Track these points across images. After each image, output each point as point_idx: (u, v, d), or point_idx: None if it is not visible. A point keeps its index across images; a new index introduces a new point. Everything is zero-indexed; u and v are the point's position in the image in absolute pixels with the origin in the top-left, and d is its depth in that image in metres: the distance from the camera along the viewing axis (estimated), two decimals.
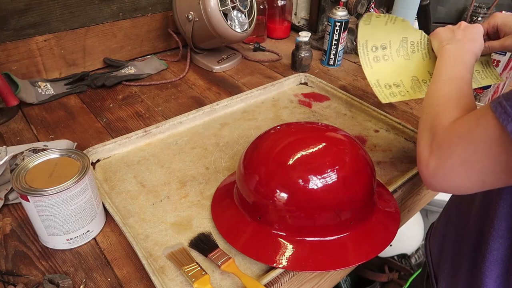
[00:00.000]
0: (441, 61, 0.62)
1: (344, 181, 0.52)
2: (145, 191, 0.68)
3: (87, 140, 0.80)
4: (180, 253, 0.56)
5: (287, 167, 0.53)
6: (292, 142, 0.56)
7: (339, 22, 1.07)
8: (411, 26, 0.75)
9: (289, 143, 0.56)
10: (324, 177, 0.51)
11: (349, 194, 0.53)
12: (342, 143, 0.57)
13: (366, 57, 0.73)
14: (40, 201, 0.51)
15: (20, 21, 0.90)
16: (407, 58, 0.74)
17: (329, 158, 0.54)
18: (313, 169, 0.52)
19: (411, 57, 0.74)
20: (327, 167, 0.52)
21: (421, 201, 0.88)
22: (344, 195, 0.52)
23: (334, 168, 0.52)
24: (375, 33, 0.74)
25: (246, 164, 0.58)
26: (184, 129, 0.84)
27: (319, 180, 0.51)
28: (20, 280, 0.53)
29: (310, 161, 0.53)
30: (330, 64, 1.14)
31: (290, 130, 0.59)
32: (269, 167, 0.54)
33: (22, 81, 0.91)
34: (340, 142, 0.57)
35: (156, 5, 1.11)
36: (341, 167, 0.53)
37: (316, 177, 0.51)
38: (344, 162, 0.54)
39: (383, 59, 0.73)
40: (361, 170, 0.55)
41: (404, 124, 0.84)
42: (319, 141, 0.55)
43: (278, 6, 1.30)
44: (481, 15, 1.24)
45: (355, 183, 0.53)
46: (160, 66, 1.10)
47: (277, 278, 0.54)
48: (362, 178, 0.55)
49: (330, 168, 0.52)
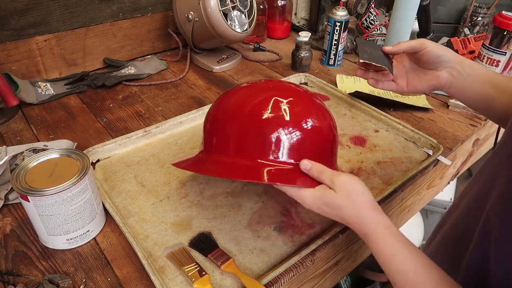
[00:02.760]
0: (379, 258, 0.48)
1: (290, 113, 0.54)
2: (145, 191, 0.68)
3: (87, 140, 0.80)
4: (180, 253, 0.56)
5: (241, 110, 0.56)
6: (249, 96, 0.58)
7: (339, 22, 1.07)
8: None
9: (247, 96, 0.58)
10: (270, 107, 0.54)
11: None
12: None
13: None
14: (40, 201, 0.51)
15: (20, 21, 0.90)
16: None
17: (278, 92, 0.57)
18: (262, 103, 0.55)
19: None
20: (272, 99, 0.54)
21: (421, 201, 0.88)
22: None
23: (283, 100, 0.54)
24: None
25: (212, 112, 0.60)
26: (184, 129, 0.84)
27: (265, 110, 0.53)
28: (20, 280, 0.53)
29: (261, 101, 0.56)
30: (330, 64, 1.14)
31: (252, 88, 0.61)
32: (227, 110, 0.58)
33: (22, 81, 0.91)
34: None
35: (156, 5, 1.11)
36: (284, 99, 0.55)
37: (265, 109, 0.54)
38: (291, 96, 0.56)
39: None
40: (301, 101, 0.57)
41: (404, 124, 0.84)
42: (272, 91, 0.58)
43: (278, 6, 1.30)
44: (481, 15, 1.24)
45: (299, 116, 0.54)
46: (160, 66, 1.10)
47: (277, 278, 0.54)
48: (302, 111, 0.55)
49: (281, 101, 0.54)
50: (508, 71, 0.93)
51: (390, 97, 0.95)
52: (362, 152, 0.79)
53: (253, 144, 0.53)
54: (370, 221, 0.49)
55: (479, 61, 0.95)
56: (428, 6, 1.10)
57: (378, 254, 0.48)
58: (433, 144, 0.79)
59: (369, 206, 0.49)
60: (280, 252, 0.58)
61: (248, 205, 0.66)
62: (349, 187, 0.49)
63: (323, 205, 0.50)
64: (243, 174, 0.52)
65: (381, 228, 0.48)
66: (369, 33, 1.20)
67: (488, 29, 1.21)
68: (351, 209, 0.49)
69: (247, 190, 0.69)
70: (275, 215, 0.64)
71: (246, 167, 0.52)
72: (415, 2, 1.02)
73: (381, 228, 0.48)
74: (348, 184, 0.49)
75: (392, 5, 1.07)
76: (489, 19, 1.25)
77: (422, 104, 0.95)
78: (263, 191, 0.69)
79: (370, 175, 0.73)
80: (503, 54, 0.90)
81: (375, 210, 0.49)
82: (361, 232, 0.50)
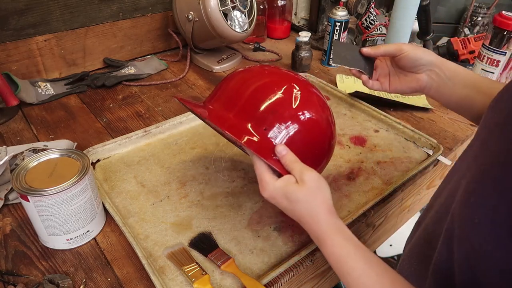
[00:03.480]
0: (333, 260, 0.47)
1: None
2: (145, 191, 0.68)
3: (87, 140, 0.80)
4: (180, 253, 0.56)
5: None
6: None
7: (339, 22, 1.07)
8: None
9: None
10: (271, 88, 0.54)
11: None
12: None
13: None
14: (40, 201, 0.51)
15: (20, 21, 0.90)
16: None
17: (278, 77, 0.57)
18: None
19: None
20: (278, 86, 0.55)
21: (421, 201, 0.88)
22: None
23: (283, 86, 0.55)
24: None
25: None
26: (184, 129, 0.84)
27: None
28: (20, 280, 0.53)
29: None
30: (330, 64, 1.14)
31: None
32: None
33: (22, 81, 0.91)
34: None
35: (156, 5, 1.11)
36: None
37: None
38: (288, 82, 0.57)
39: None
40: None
41: (404, 124, 0.84)
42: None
43: (278, 6, 1.30)
44: (481, 15, 1.24)
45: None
46: (160, 66, 1.10)
47: (277, 278, 0.54)
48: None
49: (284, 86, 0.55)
50: (508, 71, 0.93)
51: (390, 97, 0.95)
52: (362, 152, 0.79)
53: (251, 110, 0.53)
54: (325, 223, 0.48)
55: (479, 61, 0.95)
56: (428, 6, 1.10)
57: (329, 256, 0.47)
58: (433, 144, 0.79)
59: (327, 208, 0.48)
60: (280, 252, 0.58)
61: (248, 205, 0.66)
62: (314, 185, 0.48)
63: (282, 197, 0.49)
64: (228, 127, 0.52)
65: (335, 230, 0.47)
66: (369, 33, 1.20)
67: (488, 29, 1.21)
68: (309, 206, 0.48)
69: (247, 190, 0.69)
70: (275, 215, 0.64)
71: (234, 124, 0.53)
72: (415, 2, 1.02)
73: (335, 230, 0.47)
74: (315, 182, 0.49)
75: (392, 5, 1.07)
76: (489, 19, 1.25)
77: (422, 104, 0.95)
78: None
79: (370, 175, 0.73)
80: (503, 54, 0.90)
81: (331, 214, 0.48)
82: (314, 233, 0.49)
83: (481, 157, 0.37)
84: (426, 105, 0.95)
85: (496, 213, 0.32)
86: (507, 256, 0.31)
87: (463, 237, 0.36)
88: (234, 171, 0.73)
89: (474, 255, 0.35)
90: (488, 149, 0.36)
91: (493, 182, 0.33)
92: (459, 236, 0.37)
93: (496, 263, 0.33)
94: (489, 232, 0.33)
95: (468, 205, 0.35)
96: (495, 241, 0.32)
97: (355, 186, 0.71)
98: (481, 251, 0.33)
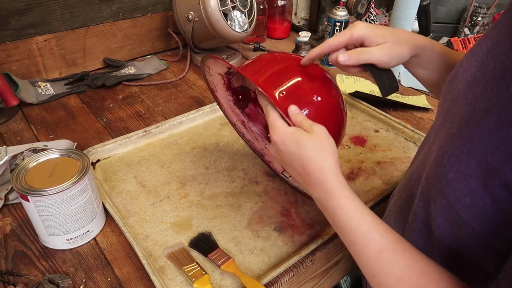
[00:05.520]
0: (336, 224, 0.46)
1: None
2: (145, 191, 0.68)
3: (87, 140, 0.80)
4: (180, 253, 0.56)
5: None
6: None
7: (339, 22, 1.07)
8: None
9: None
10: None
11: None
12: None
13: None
14: (40, 201, 0.51)
15: (20, 21, 0.90)
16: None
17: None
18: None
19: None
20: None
21: None
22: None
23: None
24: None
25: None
26: (184, 129, 0.84)
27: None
28: (20, 280, 0.53)
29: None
30: (330, 64, 1.14)
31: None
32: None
33: (22, 81, 0.91)
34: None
35: (156, 5, 1.11)
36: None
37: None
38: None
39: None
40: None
41: (404, 124, 0.84)
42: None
43: (278, 6, 1.30)
44: (481, 15, 1.24)
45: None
46: (160, 66, 1.10)
47: (277, 278, 0.54)
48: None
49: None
50: None
51: (390, 97, 0.95)
52: (362, 152, 0.79)
53: (276, 81, 0.55)
54: (333, 173, 0.45)
55: None
56: (428, 6, 1.10)
57: (335, 208, 0.45)
58: None
59: (335, 160, 0.47)
60: (280, 252, 0.58)
61: (248, 205, 0.66)
62: (324, 136, 0.48)
63: (291, 140, 0.48)
64: (254, 80, 0.54)
65: (343, 183, 0.45)
66: None
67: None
68: (318, 152, 0.46)
69: (247, 190, 0.69)
70: (275, 215, 0.64)
71: (260, 82, 0.54)
72: (415, 2, 1.02)
73: (343, 183, 0.45)
74: (325, 133, 0.48)
75: (392, 5, 1.07)
76: (489, 19, 1.25)
77: (422, 104, 0.95)
78: (263, 191, 0.69)
79: (370, 175, 0.73)
80: None
81: (338, 168, 0.47)
82: (319, 181, 0.46)
83: (448, 122, 0.41)
84: (426, 105, 0.95)
85: (468, 167, 0.35)
86: (481, 206, 0.34)
87: (439, 194, 0.39)
88: (234, 171, 0.73)
89: (450, 210, 0.37)
90: (453, 115, 0.40)
91: (463, 141, 0.36)
92: (435, 194, 0.40)
93: (472, 215, 0.35)
94: (464, 185, 0.36)
95: (442, 164, 0.38)
96: (469, 193, 0.35)
97: (355, 186, 0.71)
98: (457, 204, 0.36)
